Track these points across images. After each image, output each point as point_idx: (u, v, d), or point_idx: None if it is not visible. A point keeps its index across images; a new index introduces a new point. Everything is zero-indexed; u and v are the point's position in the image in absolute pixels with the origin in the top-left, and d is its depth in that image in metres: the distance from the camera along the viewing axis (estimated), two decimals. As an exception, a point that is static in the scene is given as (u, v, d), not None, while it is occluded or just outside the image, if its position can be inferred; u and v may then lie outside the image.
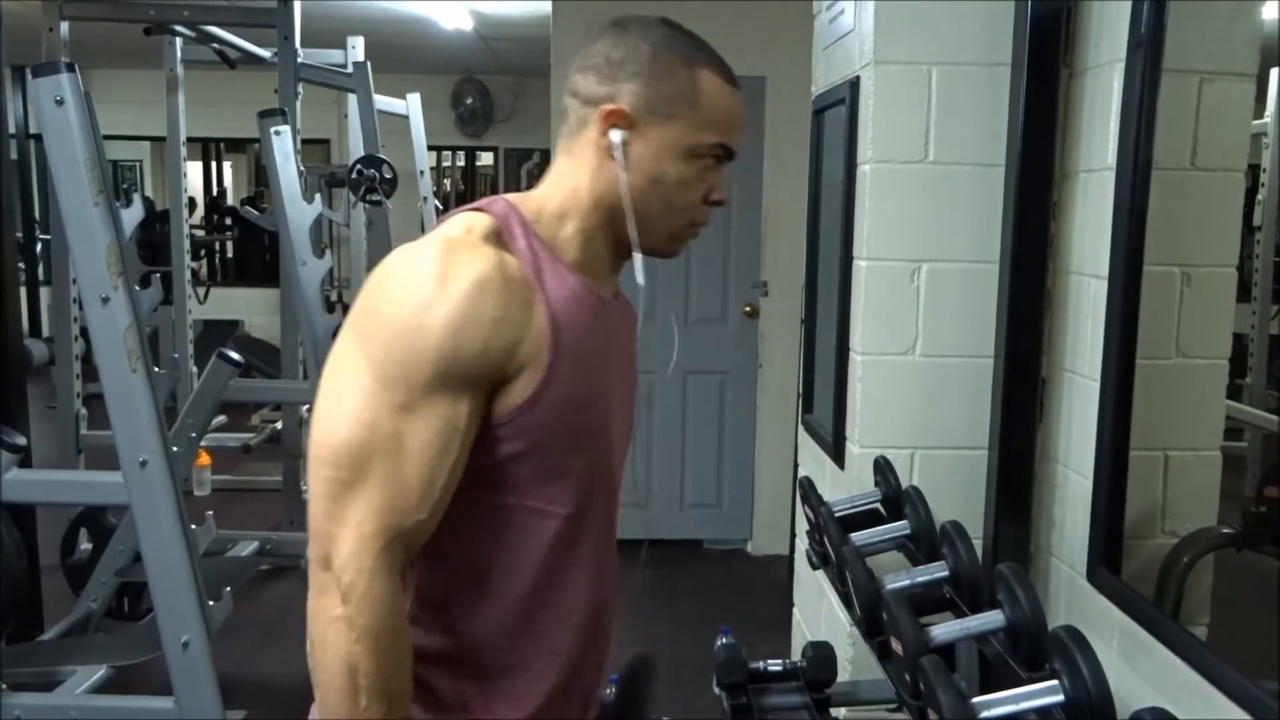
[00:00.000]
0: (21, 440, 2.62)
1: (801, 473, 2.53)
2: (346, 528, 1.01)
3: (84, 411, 4.37)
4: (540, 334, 1.07)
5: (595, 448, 1.15)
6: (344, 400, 1.03)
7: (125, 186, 9.13)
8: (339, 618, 1.00)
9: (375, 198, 5.03)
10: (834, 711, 1.77)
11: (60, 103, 2.27)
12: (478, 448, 1.07)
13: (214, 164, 9.93)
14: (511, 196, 1.16)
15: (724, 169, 1.18)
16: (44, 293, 7.95)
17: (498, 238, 1.09)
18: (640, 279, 1.15)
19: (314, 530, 1.03)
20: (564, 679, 1.18)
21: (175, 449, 2.50)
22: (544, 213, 1.14)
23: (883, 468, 1.98)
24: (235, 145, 9.99)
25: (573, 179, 1.15)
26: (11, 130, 3.17)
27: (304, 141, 4.76)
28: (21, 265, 5.80)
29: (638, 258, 1.15)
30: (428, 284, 1.03)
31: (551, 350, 1.07)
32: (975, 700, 1.29)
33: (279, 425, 5.21)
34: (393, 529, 1.02)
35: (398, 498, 1.02)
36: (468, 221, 1.11)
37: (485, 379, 1.05)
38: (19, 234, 5.44)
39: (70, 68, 2.30)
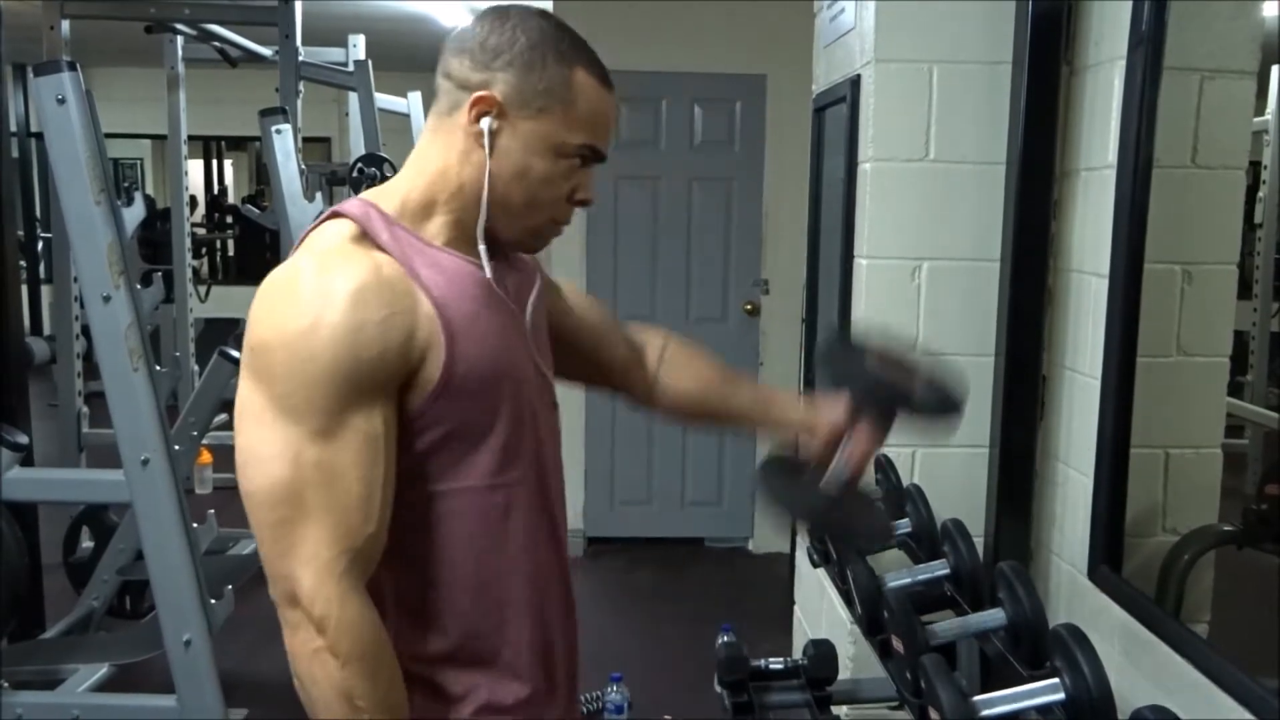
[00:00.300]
0: (23, 438, 2.62)
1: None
2: (302, 562, 1.02)
3: (85, 410, 4.37)
4: (429, 319, 1.07)
5: (511, 416, 1.15)
6: (261, 444, 1.03)
7: (126, 185, 9.15)
8: (320, 649, 1.02)
9: (376, 196, 5.01)
10: (835, 709, 1.77)
11: (62, 101, 2.27)
12: (399, 448, 1.08)
13: (215, 162, 9.94)
14: (368, 194, 1.16)
15: (591, 170, 1.17)
16: (45, 291, 7.95)
17: (362, 239, 1.09)
18: (487, 271, 1.13)
19: (271, 573, 1.04)
20: (544, 637, 1.20)
21: (177, 447, 2.50)
22: (407, 204, 1.14)
23: (884, 466, 1.98)
24: (236, 143, 9.99)
25: (440, 161, 1.14)
26: (13, 129, 3.17)
27: (305, 140, 4.75)
28: (23, 263, 5.80)
29: (482, 248, 1.13)
30: (307, 306, 1.03)
31: (445, 331, 1.07)
32: (976, 698, 1.29)
33: (280, 423, 5.19)
34: (347, 551, 1.03)
35: (342, 521, 1.03)
36: (328, 231, 1.11)
37: (391, 379, 1.06)
38: (20, 232, 5.44)
39: (72, 66, 2.30)
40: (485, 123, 1.11)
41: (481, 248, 1.13)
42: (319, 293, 1.03)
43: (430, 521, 1.12)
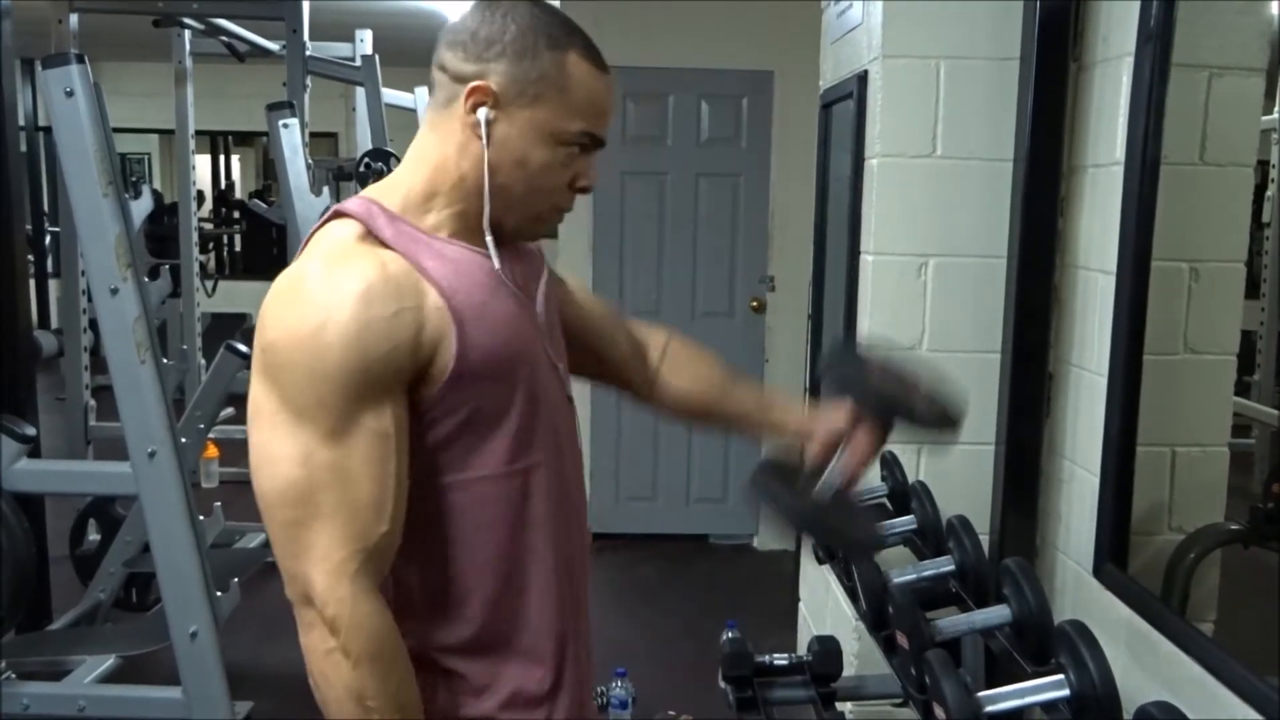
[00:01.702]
0: (31, 431, 2.63)
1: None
2: (315, 563, 1.03)
3: (93, 403, 4.38)
4: (439, 311, 1.07)
5: (525, 400, 1.15)
6: (272, 445, 1.04)
7: (134, 179, 9.15)
8: (333, 649, 1.02)
9: (383, 191, 5.02)
10: (840, 706, 1.77)
11: (70, 94, 2.27)
12: (413, 441, 1.08)
13: (222, 157, 9.95)
14: (369, 191, 1.16)
15: (592, 156, 1.17)
16: (53, 285, 7.97)
17: (367, 237, 1.09)
18: (495, 262, 1.13)
19: (285, 572, 1.05)
20: (563, 623, 1.20)
21: (183, 440, 2.51)
22: (409, 198, 1.14)
23: (889, 462, 1.98)
24: (243, 138, 10.00)
25: (439, 154, 1.14)
26: (21, 123, 3.18)
27: (312, 135, 4.76)
28: (30, 257, 5.81)
29: (489, 239, 1.13)
30: (315, 306, 1.03)
31: (455, 321, 1.07)
32: (981, 694, 1.29)
33: (286, 418, 5.21)
34: (360, 551, 1.03)
35: (355, 521, 1.03)
36: (332, 232, 1.11)
37: (401, 376, 1.06)
38: (28, 226, 5.46)
39: (80, 59, 2.31)
40: (482, 113, 1.10)
41: (488, 238, 1.13)
42: (326, 293, 1.04)
43: (448, 512, 1.12)
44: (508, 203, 1.13)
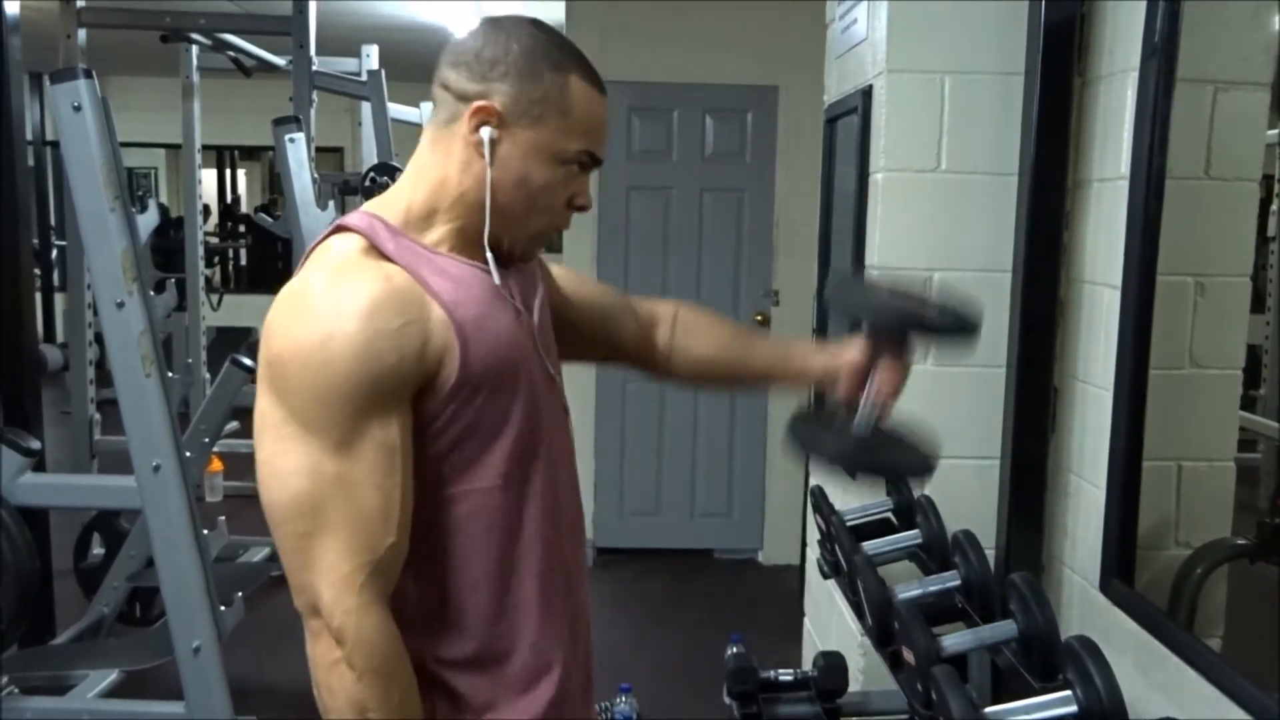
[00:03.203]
0: (36, 444, 2.64)
1: (813, 481, 2.53)
2: (322, 574, 1.04)
3: (98, 417, 4.39)
4: (443, 324, 1.08)
5: (524, 412, 1.16)
6: (280, 458, 1.05)
7: (140, 193, 9.19)
8: (338, 660, 1.04)
9: (388, 205, 5.04)
10: (844, 721, 1.76)
11: (78, 108, 2.29)
12: (415, 453, 1.09)
13: (228, 171, 9.99)
14: (370, 206, 1.18)
15: (588, 175, 1.19)
16: (59, 299, 8.00)
17: (370, 250, 1.10)
18: (495, 279, 1.15)
19: (293, 584, 1.06)
20: (563, 636, 1.21)
21: (188, 454, 2.51)
22: (410, 214, 1.15)
23: (894, 477, 1.97)
24: (249, 153, 10.04)
25: (440, 171, 1.15)
26: (28, 137, 3.19)
27: (318, 149, 4.77)
28: (36, 271, 5.83)
29: (489, 255, 1.14)
30: (321, 319, 1.04)
31: (458, 334, 1.08)
32: (988, 710, 1.28)
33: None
34: (367, 564, 1.04)
35: (362, 533, 1.04)
36: (336, 246, 1.12)
37: (407, 388, 1.07)
38: (35, 240, 5.47)
39: (88, 74, 2.32)
40: (485, 132, 1.12)
41: (488, 255, 1.14)
42: (332, 306, 1.05)
43: (447, 524, 1.13)
44: (508, 220, 1.15)
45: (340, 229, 1.14)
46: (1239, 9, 1.57)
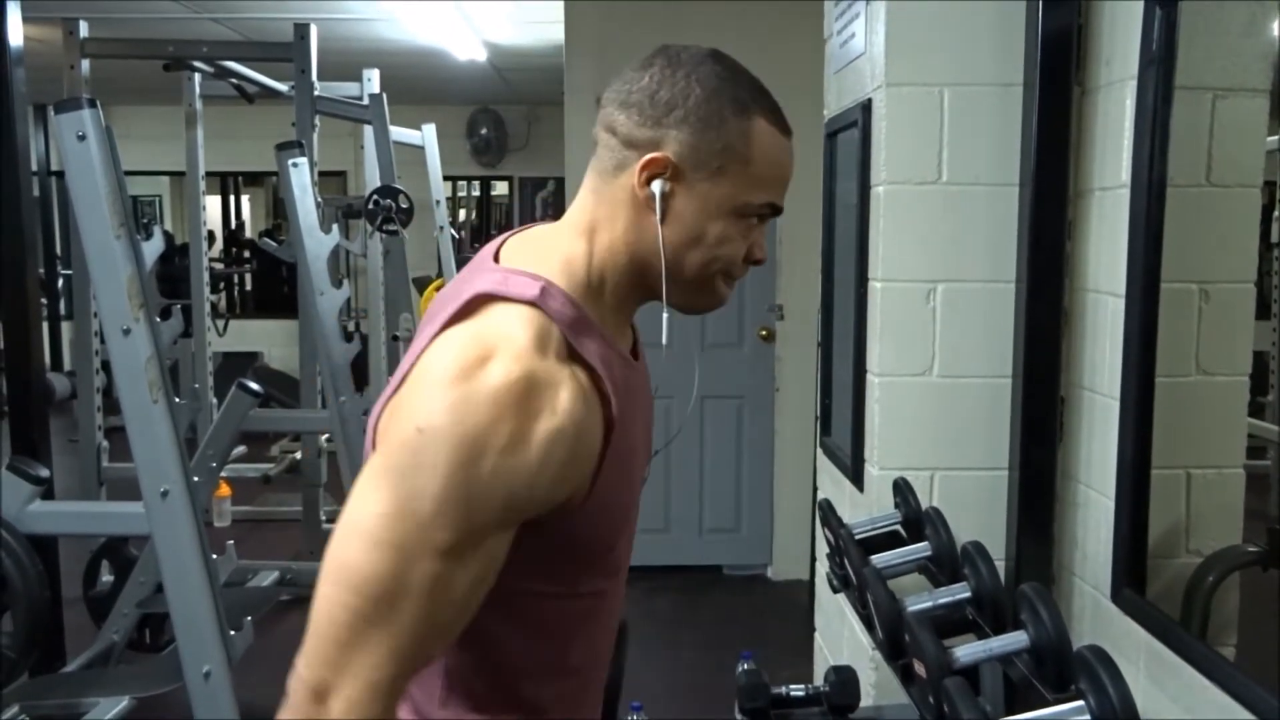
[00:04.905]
0: (44, 472, 2.64)
1: (821, 495, 2.52)
2: (357, 670, 0.88)
3: (105, 444, 4.40)
4: (598, 441, 0.96)
5: (629, 523, 1.09)
6: (383, 522, 0.89)
7: (145, 221, 9.23)
8: None
9: (392, 228, 5.07)
10: (857, 736, 1.75)
11: (82, 137, 2.30)
12: (525, 550, 0.96)
13: (232, 197, 10.03)
14: (551, 272, 1.01)
15: (765, 225, 1.08)
16: (65, 327, 8.02)
17: (563, 345, 0.96)
18: (664, 338, 1.05)
19: (314, 651, 0.90)
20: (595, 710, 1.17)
21: (196, 479, 2.51)
22: (578, 280, 1.02)
23: (902, 489, 1.97)
24: (253, 179, 10.08)
25: (609, 232, 1.04)
26: (33, 167, 3.20)
27: (321, 173, 4.80)
28: (43, 300, 5.85)
29: (665, 317, 1.05)
30: (503, 424, 0.89)
31: (601, 454, 0.97)
32: (1000, 722, 1.28)
33: (298, 455, 5.24)
34: (409, 674, 0.92)
35: (423, 643, 0.91)
36: (526, 325, 0.95)
37: (543, 509, 0.95)
38: (41, 269, 5.50)
39: (92, 103, 2.34)
40: (657, 186, 1.00)
41: (665, 315, 1.04)
42: (521, 415, 0.90)
43: (507, 613, 1.01)
44: (679, 279, 1.04)
45: (531, 303, 0.97)
46: (1236, 16, 1.58)
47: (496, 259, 1.06)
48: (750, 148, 1.02)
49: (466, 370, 0.91)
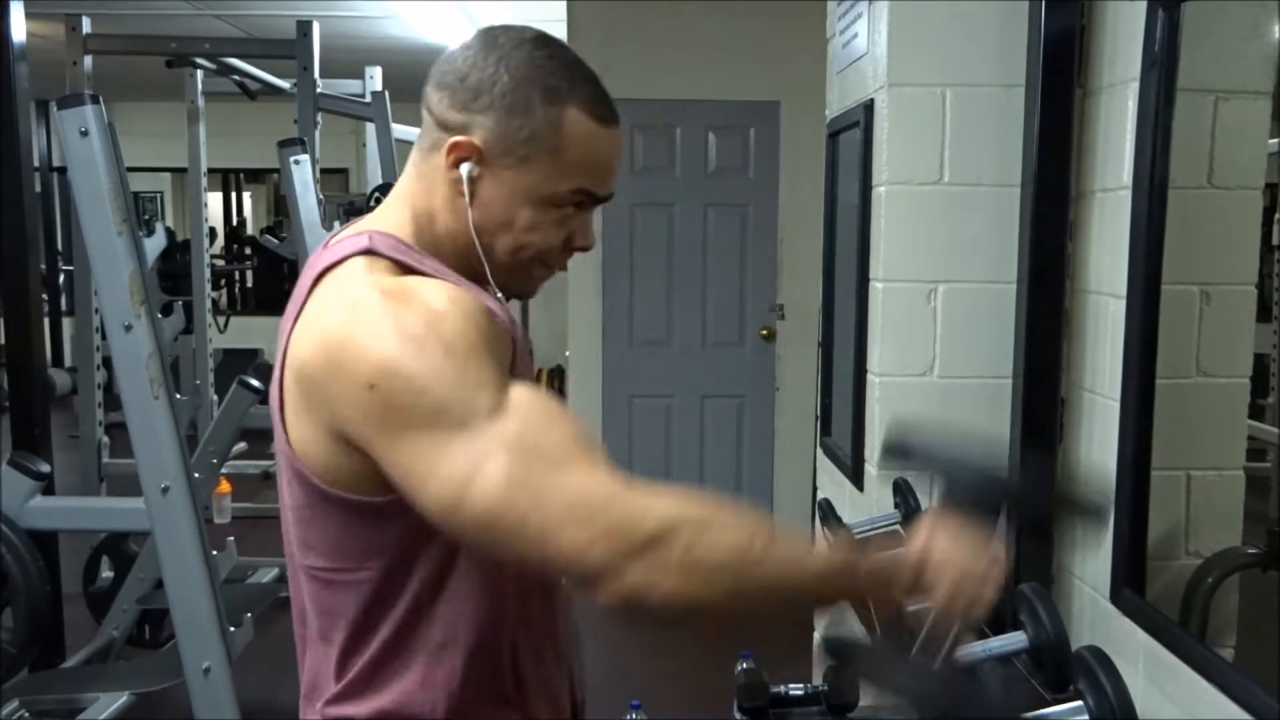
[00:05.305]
0: (45, 468, 2.65)
1: (820, 495, 2.53)
2: (580, 502, 0.88)
3: (106, 440, 4.40)
4: (504, 329, 1.00)
5: None
6: (455, 446, 0.89)
7: (147, 217, 9.23)
8: (676, 543, 0.88)
9: (393, 225, 5.07)
10: (856, 735, 1.75)
11: (85, 133, 2.30)
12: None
13: (234, 194, 10.03)
14: (373, 226, 1.06)
15: (589, 213, 1.07)
16: (66, 323, 8.02)
17: (407, 270, 1.01)
18: (503, 314, 1.04)
19: (561, 546, 0.88)
20: (554, 669, 1.16)
21: (196, 475, 2.51)
22: (418, 241, 1.06)
23: (902, 489, 1.97)
24: (255, 176, 10.09)
25: (426, 204, 1.06)
26: (35, 163, 3.21)
27: (323, 171, 4.80)
28: (45, 296, 5.86)
29: (499, 296, 1.06)
30: (422, 304, 0.94)
31: (511, 338, 1.02)
32: (999, 722, 1.28)
33: (298, 452, 5.22)
34: (608, 462, 0.92)
35: (581, 439, 0.93)
36: (372, 267, 1.00)
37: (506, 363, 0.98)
38: (42, 265, 5.50)
39: (94, 99, 2.34)
40: (464, 169, 1.01)
41: (498, 294, 1.06)
42: (426, 292, 0.95)
43: (457, 568, 1.03)
44: (493, 262, 1.05)
45: (369, 251, 1.01)
46: (1238, 18, 1.58)
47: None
48: (560, 137, 1.01)
49: (357, 315, 0.94)
